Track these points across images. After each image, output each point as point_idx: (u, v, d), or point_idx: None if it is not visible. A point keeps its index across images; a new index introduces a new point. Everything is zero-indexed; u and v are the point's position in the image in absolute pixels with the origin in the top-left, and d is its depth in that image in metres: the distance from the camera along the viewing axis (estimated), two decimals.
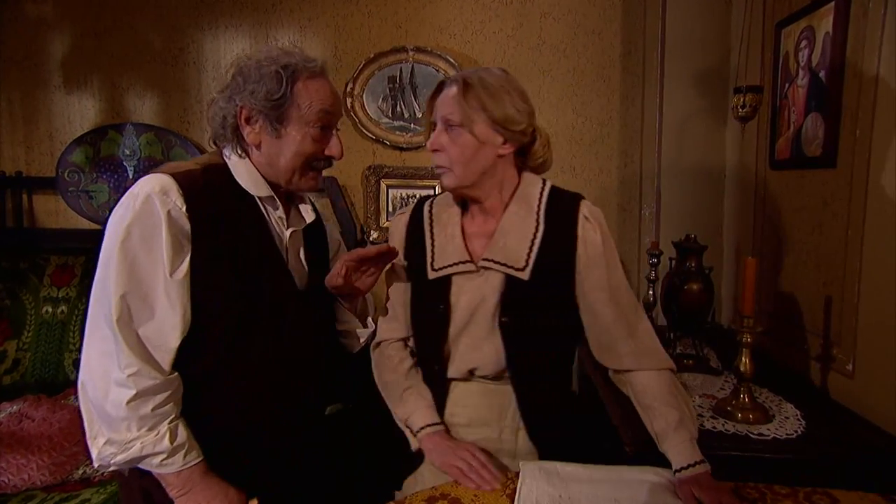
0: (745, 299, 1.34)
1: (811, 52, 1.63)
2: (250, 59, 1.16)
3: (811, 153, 1.64)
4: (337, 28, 2.46)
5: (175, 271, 1.05)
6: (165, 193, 1.05)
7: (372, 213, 2.51)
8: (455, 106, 1.15)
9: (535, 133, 1.23)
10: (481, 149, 1.16)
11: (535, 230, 1.19)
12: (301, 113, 1.14)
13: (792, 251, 1.78)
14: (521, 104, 1.18)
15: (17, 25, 2.51)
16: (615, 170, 2.45)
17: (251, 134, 1.16)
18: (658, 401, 1.15)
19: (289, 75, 1.13)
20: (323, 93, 1.17)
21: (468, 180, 1.19)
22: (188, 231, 1.07)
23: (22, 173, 2.55)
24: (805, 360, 1.68)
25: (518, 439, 1.25)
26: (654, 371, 1.19)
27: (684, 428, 1.11)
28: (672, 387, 1.18)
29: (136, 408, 1.03)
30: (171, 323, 1.06)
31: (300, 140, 1.16)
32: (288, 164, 1.17)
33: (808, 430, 1.34)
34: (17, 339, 2.34)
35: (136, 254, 1.04)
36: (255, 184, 1.18)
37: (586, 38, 2.40)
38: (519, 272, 1.17)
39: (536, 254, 1.18)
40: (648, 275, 2.05)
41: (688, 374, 1.70)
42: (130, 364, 1.02)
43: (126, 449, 1.04)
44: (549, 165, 1.29)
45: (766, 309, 1.89)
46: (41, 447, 1.99)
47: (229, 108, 1.15)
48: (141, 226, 1.04)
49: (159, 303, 1.05)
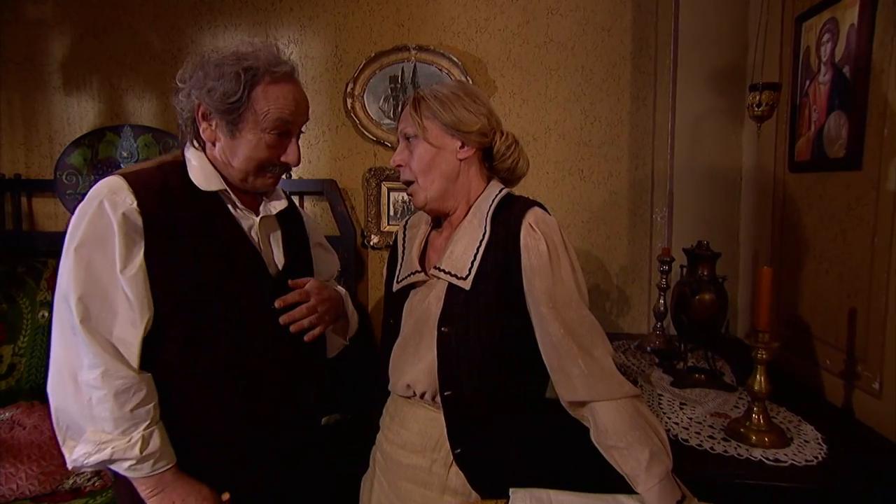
0: (760, 312, 1.24)
1: (834, 45, 1.53)
2: (215, 53, 1.13)
3: (834, 154, 1.53)
4: (337, 27, 2.40)
5: (126, 268, 1.06)
6: (115, 193, 1.07)
7: (373, 216, 2.44)
8: (409, 120, 1.17)
9: (495, 133, 1.20)
10: (438, 154, 1.16)
11: (482, 238, 1.14)
12: (257, 119, 1.13)
13: (813, 259, 1.67)
14: (474, 105, 1.17)
15: (18, 26, 2.49)
16: (625, 173, 2.35)
17: (207, 130, 1.16)
18: (622, 440, 1.01)
19: (248, 79, 1.10)
20: (283, 100, 1.14)
21: (434, 191, 1.17)
22: (140, 227, 1.07)
23: (21, 176, 2.53)
24: (827, 377, 1.57)
25: (450, 474, 1.14)
26: (612, 403, 1.04)
27: (657, 463, 0.99)
28: (635, 417, 1.03)
29: (107, 408, 1.04)
30: (130, 319, 1.06)
31: (254, 145, 1.14)
32: (241, 166, 1.16)
33: (830, 456, 1.23)
34: (13, 343, 2.31)
35: (90, 255, 1.05)
36: (206, 179, 1.17)
37: (595, 35, 2.31)
38: (461, 281, 1.12)
39: (479, 263, 1.12)
40: (659, 283, 1.96)
41: (699, 389, 1.60)
42: (96, 364, 1.04)
43: (100, 450, 1.05)
44: (523, 169, 1.24)
45: (784, 320, 1.78)
46: (31, 456, 1.95)
47: (189, 102, 1.14)
48: (93, 227, 1.05)
49: (119, 301, 1.06)
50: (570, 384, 1.07)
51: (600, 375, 1.06)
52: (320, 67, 2.42)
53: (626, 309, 2.38)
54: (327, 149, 2.45)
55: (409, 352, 1.18)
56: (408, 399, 1.20)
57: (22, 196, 2.54)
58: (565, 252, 1.11)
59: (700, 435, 1.33)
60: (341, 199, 2.38)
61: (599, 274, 2.38)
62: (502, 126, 1.23)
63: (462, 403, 1.12)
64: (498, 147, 1.20)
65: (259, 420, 1.19)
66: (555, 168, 2.37)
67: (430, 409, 1.17)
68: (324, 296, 1.27)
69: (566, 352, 1.07)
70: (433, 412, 1.16)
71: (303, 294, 1.23)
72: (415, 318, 1.19)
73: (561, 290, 1.09)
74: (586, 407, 1.08)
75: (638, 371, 1.78)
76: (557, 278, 1.09)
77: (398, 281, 1.26)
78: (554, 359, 1.09)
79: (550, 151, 2.37)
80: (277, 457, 1.23)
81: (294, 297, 1.22)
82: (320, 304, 1.25)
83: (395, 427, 1.22)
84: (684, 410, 1.47)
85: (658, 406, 1.51)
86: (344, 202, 2.39)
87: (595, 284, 2.37)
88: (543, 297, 1.08)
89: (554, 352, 1.09)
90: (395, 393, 1.24)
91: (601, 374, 1.06)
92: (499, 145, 1.20)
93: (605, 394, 1.05)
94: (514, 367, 1.15)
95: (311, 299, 1.24)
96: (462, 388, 1.12)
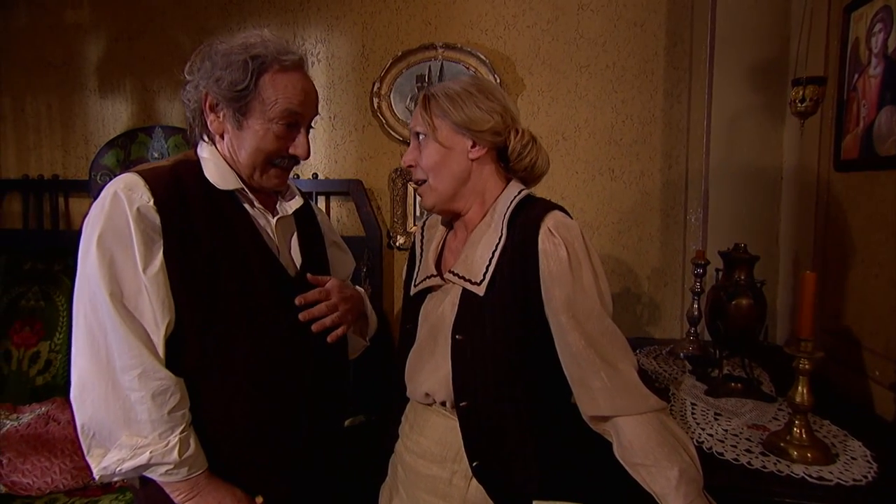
0: (803, 320, 1.17)
1: (887, 36, 1.43)
2: (223, 44, 1.11)
3: (885, 152, 1.44)
4: (364, 26, 2.39)
5: (148, 267, 1.03)
6: (131, 189, 1.04)
7: (399, 217, 2.42)
8: (419, 119, 1.15)
9: (510, 132, 1.15)
10: (449, 154, 1.13)
11: (498, 242, 1.09)
12: (264, 108, 1.10)
13: (861, 263, 1.58)
14: (487, 103, 1.12)
15: (58, 31, 2.55)
16: (658, 172, 2.27)
17: (214, 122, 1.14)
18: (649, 457, 0.97)
19: (256, 66, 1.08)
20: (291, 90, 1.12)
21: (444, 191, 1.14)
22: (158, 225, 1.05)
23: (59, 176, 2.60)
24: (875, 389, 1.48)
25: (470, 487, 1.10)
26: (636, 418, 1.00)
27: (687, 482, 0.94)
28: (662, 433, 0.99)
29: (150, 410, 1.01)
30: (152, 319, 1.03)
31: (262, 135, 1.12)
32: (248, 160, 1.14)
33: (880, 475, 1.14)
34: (50, 340, 2.37)
35: (112, 254, 1.02)
36: (223, 177, 1.14)
37: (627, 31, 2.24)
38: (475, 286, 1.09)
39: (494, 268, 1.08)
40: (693, 287, 1.88)
41: (735, 399, 1.52)
42: (135, 365, 1.00)
43: (136, 455, 1.02)
44: (543, 168, 1.19)
45: (828, 328, 1.69)
46: (65, 451, 2.00)
47: (197, 94, 1.13)
48: (112, 225, 1.02)
49: (142, 300, 1.03)
50: (592, 397, 1.03)
51: (623, 389, 1.01)
52: (347, 67, 2.41)
53: (657, 313, 2.29)
54: (353, 149, 2.44)
55: (425, 359, 1.15)
56: (427, 406, 1.17)
57: (59, 196, 2.61)
58: (587, 258, 1.06)
59: (736, 448, 1.26)
60: (367, 199, 2.37)
61: (630, 277, 2.31)
62: (518, 123, 1.17)
63: (478, 415, 1.08)
64: (513, 146, 1.15)
65: (282, 422, 1.17)
66: (585, 168, 2.31)
67: (449, 416, 1.13)
68: (345, 294, 1.25)
69: (587, 364, 1.02)
70: (453, 420, 1.12)
71: (323, 293, 1.21)
72: (430, 324, 1.16)
73: (582, 299, 1.04)
74: (609, 422, 1.03)
75: (670, 378, 1.70)
76: (578, 286, 1.04)
77: (415, 284, 1.23)
78: (574, 370, 1.05)
79: (580, 150, 2.30)
80: (301, 459, 1.21)
81: (315, 294, 1.20)
82: (341, 302, 1.23)
83: (415, 436, 1.19)
84: (719, 421, 1.40)
85: (691, 416, 1.44)
86: (370, 202, 2.38)
87: (626, 288, 2.30)
88: (562, 306, 1.03)
89: (574, 363, 1.04)
90: (413, 399, 1.21)
91: (624, 388, 1.01)
92: (514, 144, 1.15)
93: (628, 408, 1.00)
94: (532, 378, 1.10)
95: (333, 297, 1.22)
96: (477, 399, 1.08)
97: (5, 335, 2.36)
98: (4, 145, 2.65)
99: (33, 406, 2.16)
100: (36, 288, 2.43)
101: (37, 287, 2.43)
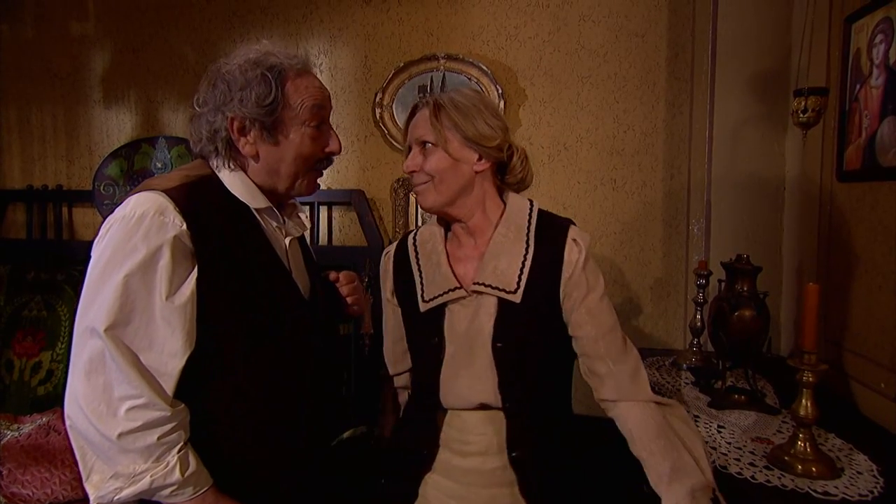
0: (806, 331, 1.16)
1: (888, 47, 1.43)
2: (230, 65, 1.10)
3: (888, 163, 1.44)
4: (367, 37, 2.40)
5: (174, 295, 0.99)
6: (162, 213, 0.99)
7: (401, 227, 2.42)
8: (428, 126, 1.17)
9: (511, 148, 1.24)
10: (456, 166, 1.17)
11: (526, 252, 1.18)
12: (295, 113, 1.10)
13: (864, 274, 1.56)
14: (494, 120, 1.19)
15: (64, 43, 2.58)
16: (660, 182, 2.26)
17: (247, 146, 1.11)
18: (646, 448, 1.07)
19: (276, 76, 1.08)
20: (312, 88, 1.13)
21: (446, 196, 1.19)
22: (191, 251, 1.01)
23: (62, 186, 2.62)
24: (882, 403, 1.46)
25: None
26: (637, 405, 1.13)
27: (680, 479, 0.97)
28: (662, 427, 1.08)
29: (138, 439, 0.97)
30: (171, 349, 0.99)
31: (299, 142, 1.12)
32: (290, 170, 1.13)
33: (887, 490, 1.12)
34: (52, 350, 2.38)
35: (130, 280, 0.97)
36: (253, 196, 1.13)
37: (629, 42, 2.25)
38: (511, 295, 1.16)
39: (528, 276, 1.17)
40: (695, 297, 1.87)
41: (738, 411, 1.51)
42: (133, 395, 0.97)
43: (134, 482, 0.98)
44: (530, 182, 1.29)
45: (832, 340, 1.67)
46: (65, 461, 1.99)
47: (219, 121, 1.09)
48: (137, 250, 0.97)
49: (158, 329, 0.99)
50: (601, 382, 1.17)
51: (627, 373, 1.15)
52: (349, 78, 2.43)
53: (660, 324, 2.28)
54: (356, 159, 2.45)
55: (462, 370, 1.19)
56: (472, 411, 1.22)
57: (63, 206, 2.63)
58: (593, 263, 1.21)
59: (740, 461, 1.25)
60: (369, 209, 2.38)
61: (632, 287, 2.30)
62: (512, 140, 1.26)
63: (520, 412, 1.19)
64: (514, 162, 1.24)
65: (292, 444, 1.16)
66: (587, 178, 2.31)
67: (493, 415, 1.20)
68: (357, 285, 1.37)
69: (597, 352, 1.16)
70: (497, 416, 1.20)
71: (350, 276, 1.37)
72: (463, 335, 1.20)
73: (593, 297, 1.18)
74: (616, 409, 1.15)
75: (672, 390, 1.69)
76: (592, 286, 1.19)
77: (426, 300, 1.23)
78: (587, 360, 1.19)
79: (582, 161, 2.31)
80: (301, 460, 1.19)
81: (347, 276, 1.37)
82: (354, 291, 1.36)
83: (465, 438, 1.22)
84: (722, 434, 1.39)
85: None
86: (372, 213, 2.38)
87: (628, 298, 2.29)
88: (579, 303, 1.18)
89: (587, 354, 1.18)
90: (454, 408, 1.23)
91: (628, 372, 1.15)
92: (515, 160, 1.24)
93: (630, 394, 1.13)
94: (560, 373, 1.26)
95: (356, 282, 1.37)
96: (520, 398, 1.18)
97: (7, 345, 2.37)
98: (9, 156, 2.67)
99: (34, 416, 2.16)
100: (38, 298, 2.44)
101: (39, 297, 2.44)
